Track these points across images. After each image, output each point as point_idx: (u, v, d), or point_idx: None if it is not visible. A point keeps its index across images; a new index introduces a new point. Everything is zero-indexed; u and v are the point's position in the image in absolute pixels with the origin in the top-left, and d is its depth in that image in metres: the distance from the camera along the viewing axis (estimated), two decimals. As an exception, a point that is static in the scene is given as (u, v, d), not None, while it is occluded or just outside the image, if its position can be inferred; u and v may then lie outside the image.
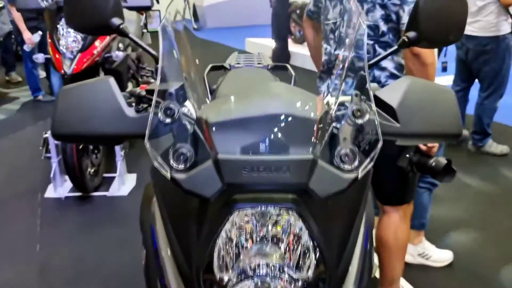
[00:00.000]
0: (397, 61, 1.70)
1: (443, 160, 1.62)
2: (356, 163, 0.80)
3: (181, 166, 0.80)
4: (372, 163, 0.81)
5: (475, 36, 3.60)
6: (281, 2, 7.29)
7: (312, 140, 0.79)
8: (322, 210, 0.81)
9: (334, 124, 0.87)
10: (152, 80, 4.66)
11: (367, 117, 0.83)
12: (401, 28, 1.61)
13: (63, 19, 2.93)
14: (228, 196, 0.79)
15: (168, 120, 0.85)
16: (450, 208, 3.03)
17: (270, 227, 0.79)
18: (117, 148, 3.19)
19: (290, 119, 0.80)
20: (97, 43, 3.06)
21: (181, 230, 0.90)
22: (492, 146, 3.97)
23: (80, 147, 2.91)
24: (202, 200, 0.80)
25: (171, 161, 0.80)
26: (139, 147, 3.86)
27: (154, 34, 4.37)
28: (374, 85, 1.01)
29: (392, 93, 0.98)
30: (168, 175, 0.79)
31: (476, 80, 3.90)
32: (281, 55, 7.31)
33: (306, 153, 0.77)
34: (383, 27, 1.65)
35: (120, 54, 3.10)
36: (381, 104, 0.98)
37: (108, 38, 3.13)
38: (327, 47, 1.86)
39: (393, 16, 1.62)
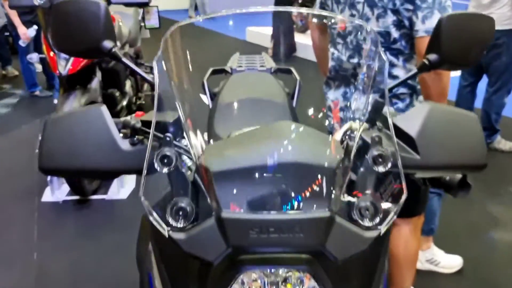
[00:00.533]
0: (409, 68, 1.60)
1: (458, 175, 1.53)
2: (378, 219, 0.70)
3: (181, 224, 0.71)
4: (395, 217, 0.71)
5: None
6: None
7: (328, 193, 0.70)
8: (338, 269, 0.72)
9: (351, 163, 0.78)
10: (151, 76, 4.57)
11: (389, 165, 0.74)
12: (414, 35, 1.51)
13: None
14: (234, 258, 0.69)
15: (165, 170, 0.75)
16: (458, 211, 2.95)
17: (280, 286, 0.70)
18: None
19: (303, 168, 0.70)
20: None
21: None
22: (501, 142, 3.88)
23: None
24: (205, 261, 0.72)
25: (169, 219, 0.71)
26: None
27: (152, 30, 4.29)
28: (391, 110, 0.92)
29: (411, 121, 0.90)
30: (166, 233, 0.70)
31: (485, 75, 3.80)
32: (286, 46, 7.15)
33: (322, 209, 0.68)
34: (395, 33, 1.54)
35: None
36: (398, 133, 0.89)
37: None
38: (334, 52, 1.76)
39: (406, 22, 1.51)
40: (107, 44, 0.94)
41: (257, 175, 0.70)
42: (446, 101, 1.56)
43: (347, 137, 0.90)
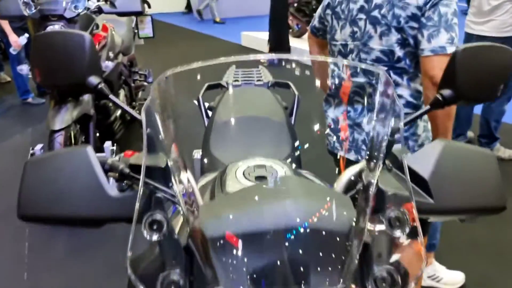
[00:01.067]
0: (414, 87, 1.54)
1: None
2: None
3: None
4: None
5: (487, 36, 3.43)
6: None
7: (342, 263, 0.62)
8: None
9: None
10: (145, 84, 4.45)
11: (407, 229, 0.66)
12: (419, 54, 1.44)
13: (48, 28, 2.74)
14: None
15: (155, 237, 0.68)
16: (459, 225, 2.89)
17: None
18: (109, 162, 3.02)
19: (313, 234, 0.62)
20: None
21: None
22: (500, 150, 3.83)
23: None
24: None
25: None
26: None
27: (145, 40, 4.22)
28: (400, 146, 0.85)
29: (423, 161, 0.83)
30: None
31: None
32: (281, 51, 7.10)
33: (335, 284, 0.60)
34: (399, 52, 1.48)
35: (110, 64, 2.92)
36: (409, 173, 0.83)
37: (97, 47, 2.95)
38: (334, 69, 1.70)
39: (411, 41, 1.45)
40: (93, 80, 0.87)
41: (260, 241, 0.62)
42: (452, 122, 1.50)
43: (358, 184, 0.83)
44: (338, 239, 0.63)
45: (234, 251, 0.61)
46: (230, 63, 1.23)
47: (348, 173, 0.86)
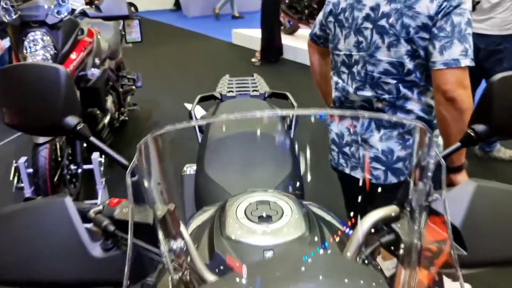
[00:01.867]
0: (425, 101, 1.42)
1: None
2: None
3: None
4: None
5: (487, 34, 3.33)
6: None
7: None
8: None
9: None
10: (134, 88, 4.28)
11: None
12: (430, 67, 1.32)
13: (29, 35, 2.59)
14: None
15: None
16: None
17: None
18: (97, 174, 2.88)
19: None
20: (72, 56, 2.73)
21: None
22: (500, 151, 3.75)
23: (55, 179, 2.60)
24: None
25: None
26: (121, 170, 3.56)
27: (131, 49, 4.06)
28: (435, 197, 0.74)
29: (453, 206, 0.72)
30: None
31: (483, 81, 3.66)
32: (273, 49, 6.98)
33: None
34: (409, 64, 1.36)
35: (96, 72, 2.77)
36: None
37: (82, 54, 2.80)
38: (338, 82, 1.58)
39: (421, 52, 1.33)
40: (71, 121, 0.75)
41: None
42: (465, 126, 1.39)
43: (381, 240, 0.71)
44: None
45: None
46: (220, 121, 1.09)
47: (369, 220, 0.75)
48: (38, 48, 2.60)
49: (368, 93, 1.47)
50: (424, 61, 1.34)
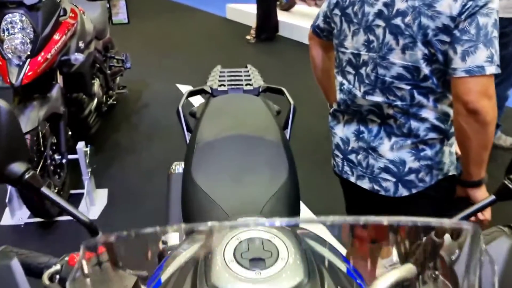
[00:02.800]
0: (441, 109, 1.27)
1: None
2: None
3: None
4: None
5: None
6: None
7: None
8: None
9: None
10: (123, 69, 4.11)
11: None
12: (450, 74, 1.17)
13: (6, 16, 2.41)
14: None
15: None
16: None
17: None
18: (83, 164, 2.74)
19: None
20: (54, 39, 2.55)
21: None
22: (501, 138, 3.64)
23: (38, 170, 2.46)
24: None
25: None
26: (108, 150, 3.43)
27: (118, 26, 3.86)
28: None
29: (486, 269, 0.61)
30: None
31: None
32: (269, 27, 6.75)
33: None
34: (425, 69, 1.20)
35: (80, 57, 2.59)
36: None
37: (64, 37, 2.61)
38: (343, 83, 1.43)
39: (440, 57, 1.17)
40: (17, 168, 0.61)
41: None
42: (488, 152, 1.24)
43: None
44: None
45: None
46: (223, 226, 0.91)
47: (382, 285, 0.62)
48: (16, 31, 2.42)
49: (378, 98, 1.31)
50: (443, 66, 1.19)
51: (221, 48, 6.50)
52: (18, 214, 2.75)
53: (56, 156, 2.68)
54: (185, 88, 4.87)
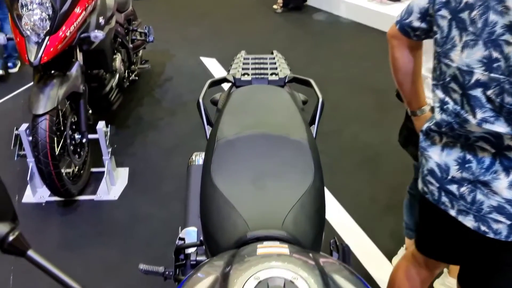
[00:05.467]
0: None
1: None
2: None
3: None
4: None
5: None
6: None
7: None
8: None
9: None
10: (146, 43, 4.02)
11: None
12: None
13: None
14: None
15: None
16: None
17: None
18: (103, 144, 2.70)
19: None
20: (73, 16, 2.46)
21: None
22: None
23: (57, 152, 2.43)
24: None
25: None
26: (130, 127, 3.38)
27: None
28: None
29: None
30: None
31: None
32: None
33: None
34: None
35: (100, 35, 2.50)
36: None
37: (84, 13, 2.52)
38: (447, 101, 1.17)
39: None
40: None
41: None
42: None
43: None
44: None
45: None
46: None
47: None
48: (34, 7, 2.34)
49: (501, 128, 1.06)
50: None
51: (247, 18, 6.30)
52: (40, 192, 2.75)
53: (76, 136, 2.64)
54: (209, 62, 4.75)
